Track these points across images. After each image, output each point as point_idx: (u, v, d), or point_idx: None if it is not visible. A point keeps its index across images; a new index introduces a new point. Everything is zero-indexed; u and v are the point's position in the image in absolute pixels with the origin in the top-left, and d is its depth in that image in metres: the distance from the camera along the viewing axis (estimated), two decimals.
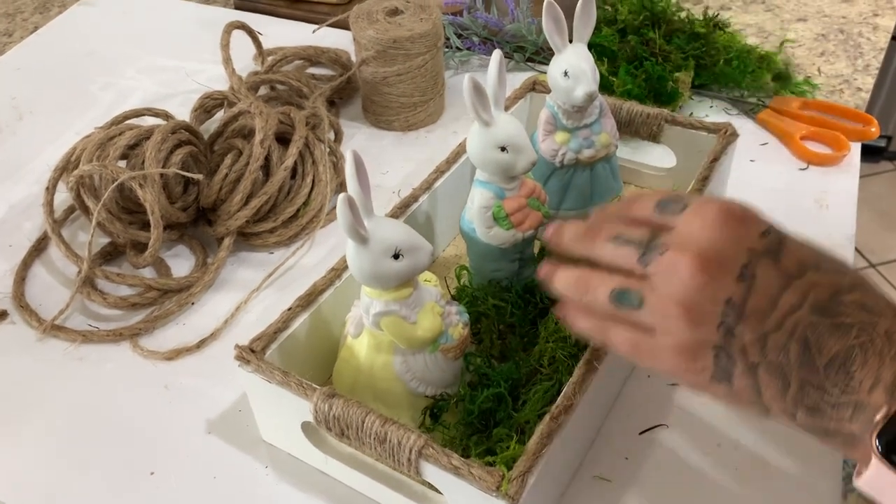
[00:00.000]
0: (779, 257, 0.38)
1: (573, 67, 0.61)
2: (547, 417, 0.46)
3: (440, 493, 0.47)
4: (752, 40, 0.95)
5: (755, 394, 0.38)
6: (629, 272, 0.41)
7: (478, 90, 0.51)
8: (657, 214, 0.42)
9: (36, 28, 1.09)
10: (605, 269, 0.42)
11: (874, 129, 0.80)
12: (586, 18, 0.61)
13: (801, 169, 0.78)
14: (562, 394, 0.48)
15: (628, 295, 0.41)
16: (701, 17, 0.89)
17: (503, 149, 0.53)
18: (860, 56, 0.94)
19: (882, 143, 2.14)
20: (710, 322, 0.38)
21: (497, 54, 0.53)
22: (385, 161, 0.82)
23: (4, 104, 0.93)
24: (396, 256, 0.48)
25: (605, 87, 0.82)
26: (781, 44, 0.94)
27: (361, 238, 0.47)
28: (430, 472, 0.45)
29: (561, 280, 0.44)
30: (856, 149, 0.79)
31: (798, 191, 0.76)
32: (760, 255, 0.38)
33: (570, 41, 0.62)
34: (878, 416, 0.35)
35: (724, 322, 0.38)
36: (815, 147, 0.79)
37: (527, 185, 0.57)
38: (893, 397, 0.35)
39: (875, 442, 0.35)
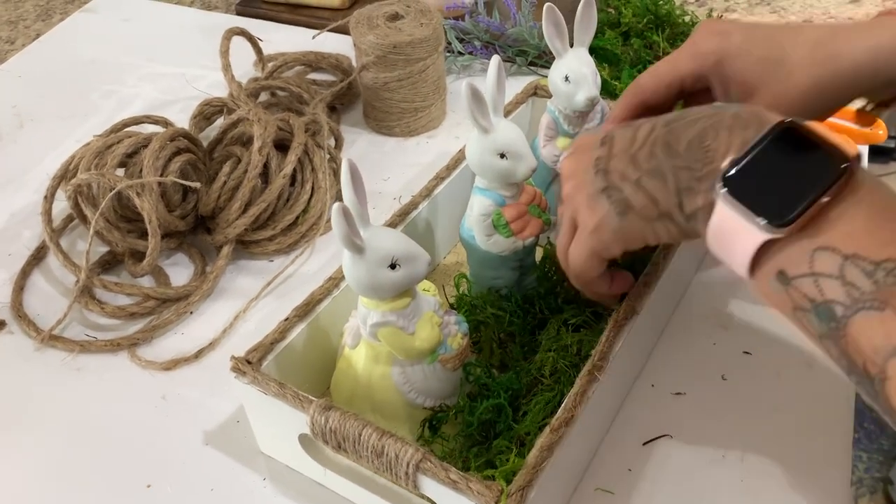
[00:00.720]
0: (634, 124, 0.46)
1: (574, 72, 0.60)
2: (547, 430, 0.45)
3: None
4: None
5: (653, 202, 0.44)
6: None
7: (476, 97, 0.51)
8: None
9: (38, 35, 1.09)
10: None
11: (882, 132, 0.79)
12: (587, 22, 0.60)
13: None
14: (562, 405, 0.47)
15: (558, 222, 0.51)
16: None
17: (502, 155, 0.53)
18: None
19: (891, 145, 2.12)
20: (590, 178, 0.46)
21: (495, 60, 0.52)
22: (386, 167, 0.81)
23: (5, 112, 0.93)
24: (393, 266, 0.47)
25: (608, 91, 0.81)
26: None
27: (357, 248, 0.46)
28: (428, 485, 0.44)
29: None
30: (863, 151, 0.78)
31: None
32: (618, 128, 0.47)
33: (571, 45, 0.61)
34: (724, 164, 0.40)
35: (598, 170, 0.46)
36: None
37: (527, 191, 0.56)
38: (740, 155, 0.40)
39: (718, 185, 0.39)
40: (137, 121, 0.79)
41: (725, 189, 0.39)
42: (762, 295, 0.40)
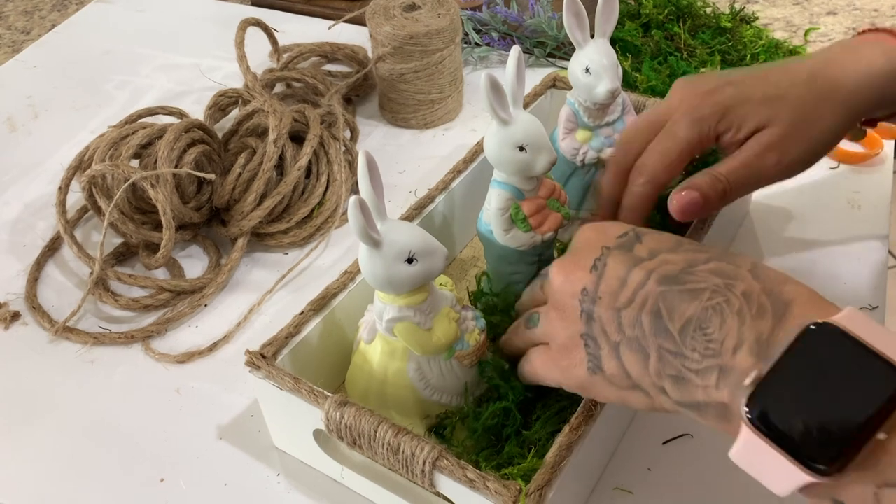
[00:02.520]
0: (632, 249, 0.42)
1: (595, 63, 0.59)
2: (566, 428, 0.44)
3: None
4: (779, 34, 0.92)
5: (625, 375, 0.40)
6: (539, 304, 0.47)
7: (495, 88, 0.50)
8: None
9: (53, 26, 1.09)
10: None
11: None
12: (608, 13, 0.58)
13: (831, 168, 0.76)
14: (581, 403, 0.46)
15: (532, 317, 0.47)
16: (727, 12, 0.86)
17: (521, 148, 0.52)
18: None
19: None
20: (573, 313, 0.42)
21: (515, 50, 0.51)
22: (402, 160, 0.80)
23: (20, 102, 0.93)
24: (410, 261, 0.46)
25: (629, 83, 0.80)
26: (807, 32, 0.91)
27: (374, 242, 0.45)
28: (445, 484, 0.44)
29: (504, 342, 0.51)
30: (889, 147, 0.76)
31: (829, 190, 0.73)
32: (613, 248, 0.42)
33: (592, 36, 0.60)
34: (748, 381, 0.34)
35: (583, 310, 0.41)
36: (846, 145, 0.77)
37: (546, 185, 0.55)
38: (760, 359, 0.34)
39: (744, 409, 0.33)
40: (152, 112, 0.78)
41: (750, 417, 0.33)
42: None
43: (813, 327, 0.33)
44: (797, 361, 0.33)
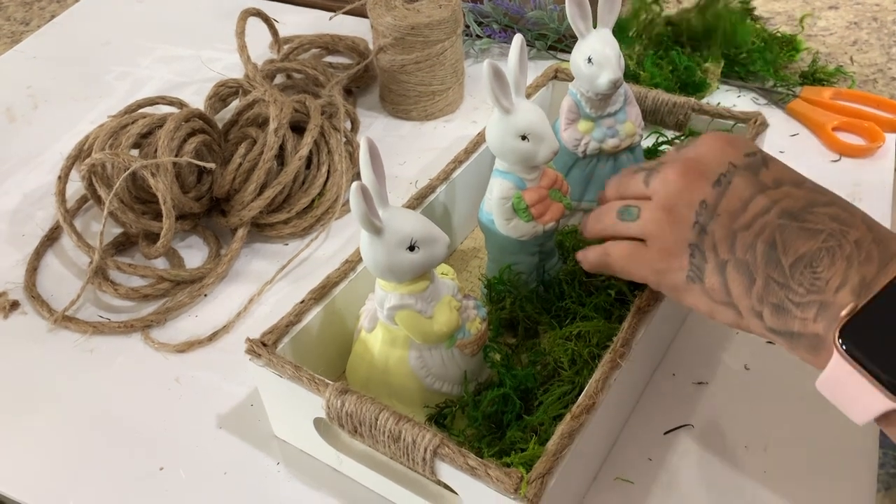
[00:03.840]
0: (758, 172, 0.42)
1: (597, 54, 0.59)
2: (568, 416, 0.44)
3: (456, 493, 0.45)
4: (781, 29, 0.92)
5: (725, 292, 0.41)
6: (637, 197, 0.47)
7: (498, 76, 0.49)
8: (671, 152, 0.47)
9: (53, 17, 1.08)
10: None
11: None
12: (611, 3, 0.58)
13: (833, 160, 0.75)
14: (584, 392, 0.46)
15: (629, 210, 0.46)
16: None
17: (524, 137, 0.51)
18: (895, 45, 0.91)
19: None
20: (687, 221, 0.42)
21: (518, 39, 0.51)
22: (402, 151, 0.80)
23: (20, 93, 0.93)
24: (412, 248, 0.46)
25: (632, 74, 0.80)
26: (801, 19, 0.91)
27: (375, 228, 0.45)
28: (446, 472, 0.43)
29: (586, 226, 0.50)
30: (891, 140, 0.76)
31: (830, 183, 0.71)
32: (740, 168, 0.42)
33: (595, 27, 0.59)
34: (843, 313, 0.36)
35: (697, 221, 0.42)
36: (847, 138, 0.77)
37: (548, 175, 0.55)
38: (860, 297, 0.36)
39: (836, 336, 0.35)
40: (152, 102, 0.78)
41: (843, 345, 0.35)
42: (889, 435, 0.37)
43: None
44: (889, 300, 0.35)
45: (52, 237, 0.72)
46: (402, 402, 0.51)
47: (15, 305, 0.66)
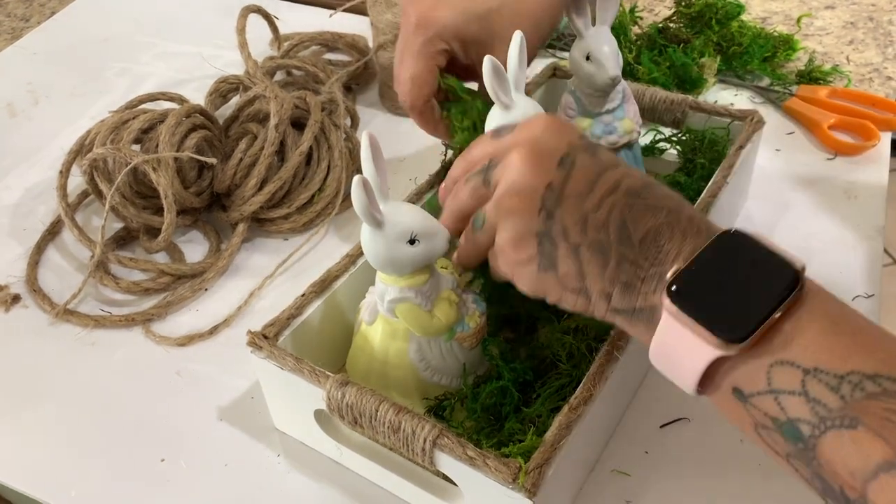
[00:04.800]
0: (595, 151, 0.43)
1: (596, 51, 0.59)
2: (566, 408, 0.45)
3: (455, 484, 0.45)
4: (778, 28, 0.93)
5: (579, 277, 0.41)
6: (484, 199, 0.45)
7: (498, 73, 0.50)
8: (494, 142, 0.45)
9: (53, 13, 1.08)
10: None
11: None
12: (609, 1, 0.59)
13: (828, 158, 0.76)
14: (581, 384, 0.46)
15: (477, 217, 0.45)
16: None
17: None
18: (890, 44, 0.91)
19: None
20: (533, 208, 0.41)
21: (518, 35, 0.52)
22: (401, 148, 0.80)
23: (20, 88, 0.93)
24: (412, 241, 0.46)
25: (630, 72, 0.81)
26: (798, 19, 0.92)
27: (376, 222, 0.45)
28: (445, 462, 0.44)
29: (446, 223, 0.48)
30: (886, 138, 0.77)
31: (826, 181, 0.74)
32: (578, 147, 0.42)
33: (594, 24, 0.60)
34: (669, 274, 0.37)
35: (544, 206, 0.41)
36: (843, 136, 0.77)
37: None
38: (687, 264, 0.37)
39: (665, 296, 0.37)
40: (153, 97, 0.78)
41: (670, 300, 0.36)
42: (720, 410, 0.38)
43: (726, 233, 0.38)
44: (713, 257, 0.37)
45: (53, 231, 0.73)
46: (401, 395, 0.52)
47: (16, 299, 0.67)
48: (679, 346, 0.37)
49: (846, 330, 0.35)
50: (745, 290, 0.36)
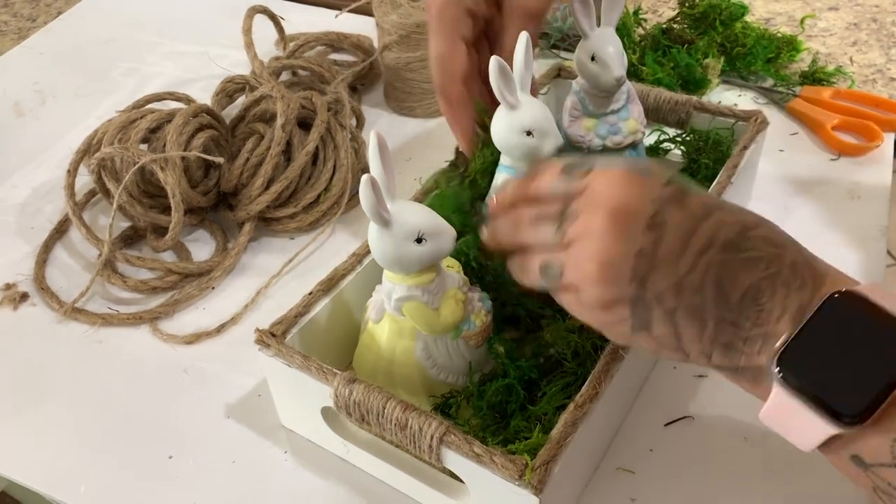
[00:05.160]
0: (684, 202, 0.39)
1: (601, 52, 0.59)
2: (571, 406, 0.45)
3: (461, 481, 0.46)
4: (782, 29, 0.93)
5: (674, 339, 0.39)
6: (553, 246, 0.42)
7: (504, 73, 0.50)
8: (564, 182, 0.43)
9: (59, 13, 1.09)
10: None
11: None
12: (614, 1, 0.59)
13: (832, 159, 0.76)
14: (587, 381, 0.47)
15: (550, 268, 0.42)
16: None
17: (528, 133, 0.52)
18: (894, 45, 0.92)
19: None
20: (623, 277, 0.39)
21: (524, 36, 0.52)
22: (407, 148, 0.81)
23: (27, 88, 0.93)
24: (419, 240, 0.47)
25: (634, 73, 0.81)
26: (802, 20, 0.92)
27: (384, 221, 0.46)
28: (452, 459, 0.44)
29: (510, 265, 0.47)
30: (889, 139, 0.77)
31: (829, 182, 0.74)
32: (666, 202, 0.39)
33: (598, 25, 0.60)
34: (778, 343, 0.36)
35: (636, 275, 0.38)
36: (846, 137, 0.78)
37: None
38: (798, 324, 0.35)
39: (775, 368, 0.35)
40: (160, 97, 0.79)
41: (781, 375, 0.35)
42: (833, 465, 0.37)
43: (836, 295, 0.35)
44: (823, 325, 0.35)
45: (60, 230, 0.73)
46: (407, 393, 0.52)
47: (24, 297, 0.67)
48: (793, 420, 0.36)
49: None
50: (861, 364, 0.34)
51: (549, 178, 0.44)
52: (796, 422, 0.35)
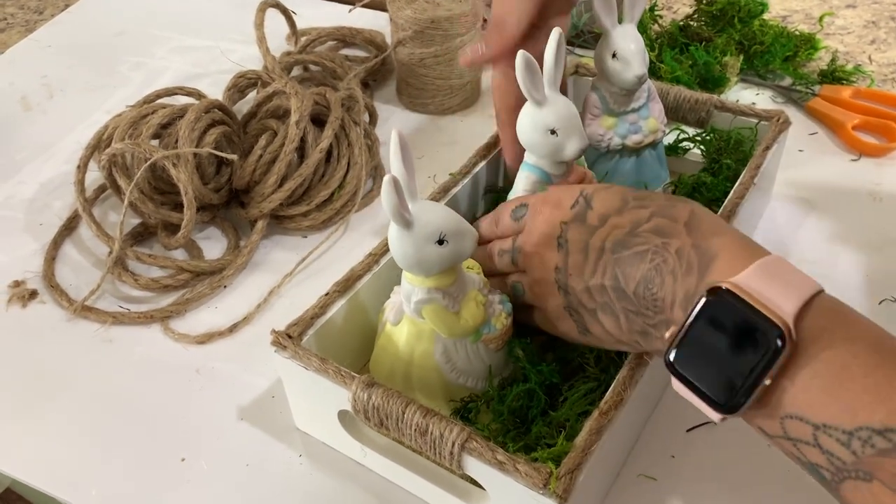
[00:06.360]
0: (585, 218, 0.46)
1: (622, 49, 0.58)
2: (596, 412, 0.44)
3: (483, 488, 0.45)
4: (799, 27, 0.92)
5: (608, 334, 0.45)
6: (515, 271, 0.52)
7: (530, 67, 0.49)
8: (514, 223, 0.51)
9: (67, 5, 1.08)
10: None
11: None
12: None
13: (852, 160, 0.75)
14: (611, 388, 0.46)
15: (515, 289, 0.52)
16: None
17: (553, 131, 0.51)
18: None
19: None
20: (554, 290, 0.47)
21: (556, 32, 0.51)
22: (420, 145, 0.80)
23: (35, 82, 0.92)
24: (441, 242, 0.46)
25: (653, 71, 0.80)
26: (821, 18, 0.91)
27: (405, 221, 0.45)
28: (473, 466, 0.43)
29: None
30: None
31: (850, 183, 0.73)
32: (570, 222, 0.46)
33: (620, 22, 0.59)
34: (667, 335, 0.39)
35: (560, 286, 0.46)
36: (867, 137, 0.76)
37: (577, 172, 0.55)
38: (685, 312, 0.38)
39: (669, 361, 0.39)
40: (170, 92, 0.78)
41: (673, 369, 0.39)
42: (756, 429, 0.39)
43: (709, 290, 0.37)
44: (699, 319, 0.38)
45: (69, 227, 0.72)
46: (426, 397, 0.51)
47: (34, 295, 0.66)
48: (692, 400, 0.39)
49: (854, 375, 0.34)
50: (735, 358, 0.36)
51: (505, 214, 0.52)
52: (694, 402, 0.39)
